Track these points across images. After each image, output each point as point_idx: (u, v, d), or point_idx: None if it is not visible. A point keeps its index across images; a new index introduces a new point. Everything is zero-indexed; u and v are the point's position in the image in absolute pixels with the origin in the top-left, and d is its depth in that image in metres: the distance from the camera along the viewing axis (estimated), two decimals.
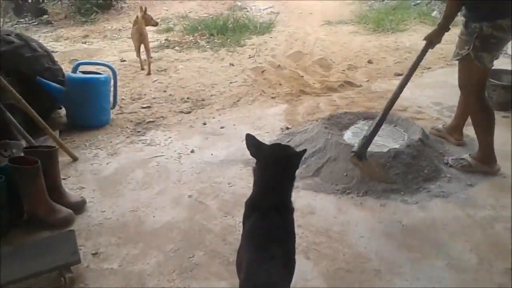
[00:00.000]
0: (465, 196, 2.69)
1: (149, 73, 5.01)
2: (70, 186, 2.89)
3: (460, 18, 2.74)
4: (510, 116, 3.60)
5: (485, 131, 2.84)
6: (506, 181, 2.81)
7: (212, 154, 3.28)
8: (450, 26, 2.64)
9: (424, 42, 2.77)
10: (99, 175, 3.05)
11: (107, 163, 3.19)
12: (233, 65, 5.30)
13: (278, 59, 5.47)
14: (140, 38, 5.02)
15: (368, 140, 2.60)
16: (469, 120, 3.00)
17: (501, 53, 2.87)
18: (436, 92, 4.21)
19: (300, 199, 2.71)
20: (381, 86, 4.45)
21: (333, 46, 5.83)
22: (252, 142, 1.67)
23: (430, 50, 2.76)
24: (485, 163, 2.87)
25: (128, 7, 8.14)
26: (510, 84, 3.69)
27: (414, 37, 5.98)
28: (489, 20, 2.51)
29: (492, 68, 2.76)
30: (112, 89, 3.96)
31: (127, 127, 3.81)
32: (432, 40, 2.66)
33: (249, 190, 2.78)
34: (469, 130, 3.17)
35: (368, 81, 4.71)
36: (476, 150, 2.94)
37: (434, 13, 6.82)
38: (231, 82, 4.78)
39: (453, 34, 2.84)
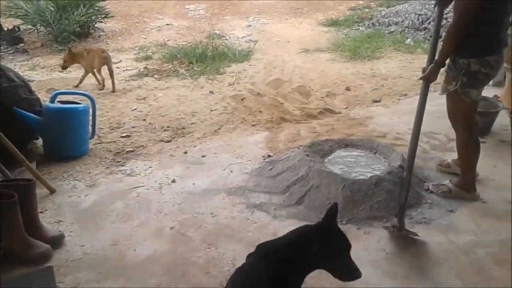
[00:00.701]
0: (446, 222, 2.71)
1: (113, 91, 5.38)
2: (48, 219, 2.81)
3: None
4: (486, 142, 3.69)
5: (471, 160, 2.90)
6: (486, 206, 2.86)
7: (193, 184, 3.24)
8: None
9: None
10: (78, 207, 2.97)
11: (86, 195, 3.12)
12: (213, 92, 5.31)
13: (257, 86, 5.51)
14: (105, 61, 5.45)
15: (403, 209, 2.60)
16: None
17: None
18: (414, 118, 4.28)
19: (284, 228, 2.67)
20: (359, 113, 4.51)
21: (311, 74, 5.92)
22: None
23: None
24: (465, 190, 2.92)
25: (106, 35, 8.13)
26: (486, 110, 3.79)
27: (389, 64, 6.13)
28: (477, 57, 2.56)
29: None
30: (90, 118, 3.91)
31: (106, 157, 3.75)
32: (430, 78, 2.64)
33: (232, 220, 2.78)
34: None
35: (346, 108, 4.78)
36: (457, 176, 3.00)
37: (408, 41, 7.02)
38: (211, 110, 4.78)
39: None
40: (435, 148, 3.66)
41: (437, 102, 3.70)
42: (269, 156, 3.65)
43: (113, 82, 5.44)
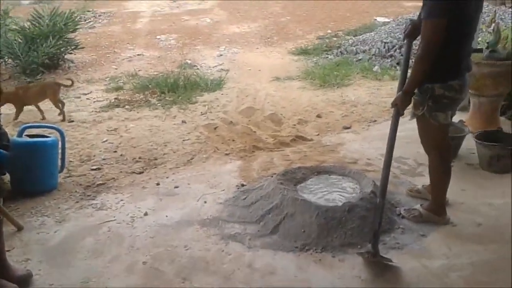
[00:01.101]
0: (419, 247, 2.75)
1: (64, 120, 5.46)
2: (15, 258, 2.71)
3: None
4: (453, 165, 3.78)
5: (441, 183, 2.97)
6: (456, 230, 2.92)
7: (166, 216, 3.20)
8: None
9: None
10: (46, 244, 2.88)
11: (55, 231, 3.03)
12: (185, 122, 5.30)
13: (230, 115, 5.54)
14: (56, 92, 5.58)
15: (377, 235, 2.63)
16: None
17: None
18: (384, 144, 4.33)
19: (259, 258, 2.67)
20: (331, 140, 4.58)
21: (283, 101, 5.99)
22: None
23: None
24: (436, 214, 2.97)
25: (76, 67, 8.06)
26: (452, 135, 3.89)
27: (358, 91, 6.27)
28: (440, 81, 2.65)
29: None
30: (60, 151, 3.83)
31: (76, 191, 3.67)
32: (399, 106, 2.72)
33: (206, 252, 2.75)
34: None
35: (318, 134, 4.84)
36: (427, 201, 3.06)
37: (375, 68, 7.21)
38: (184, 140, 4.77)
39: (395, 88, 2.96)
40: (405, 173, 3.73)
41: (406, 127, 3.78)
42: (242, 185, 3.65)
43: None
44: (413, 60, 2.72)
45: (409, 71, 2.76)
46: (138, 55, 8.92)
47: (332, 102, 5.90)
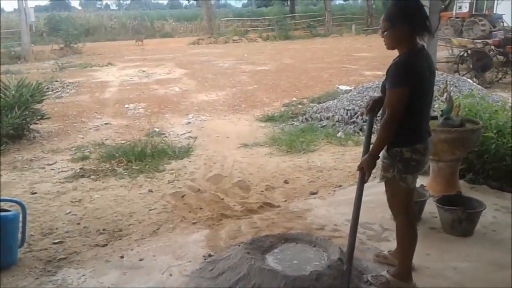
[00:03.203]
0: None
1: None
2: None
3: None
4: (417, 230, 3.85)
5: (407, 249, 3.01)
6: None
7: None
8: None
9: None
10: None
11: None
12: (152, 191, 5.25)
13: (197, 182, 5.53)
14: None
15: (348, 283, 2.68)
16: None
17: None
18: (350, 209, 4.37)
19: None
20: (298, 206, 4.61)
21: (251, 168, 6.05)
22: None
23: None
24: (402, 279, 2.98)
25: (41, 137, 7.97)
26: (418, 199, 3.99)
27: (323, 156, 6.42)
28: (407, 145, 2.82)
29: None
30: (20, 225, 3.70)
31: (36, 266, 3.52)
32: (365, 168, 2.83)
33: None
34: None
35: (286, 201, 4.88)
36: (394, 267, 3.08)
37: (339, 134, 7.44)
38: (150, 210, 4.70)
39: (359, 153, 3.08)
40: (371, 238, 3.77)
41: (371, 191, 3.89)
42: (209, 255, 3.59)
43: None
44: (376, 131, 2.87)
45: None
46: (105, 124, 8.93)
47: (299, 167, 6.01)
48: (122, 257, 3.63)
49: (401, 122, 2.74)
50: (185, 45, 27.03)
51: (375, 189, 3.07)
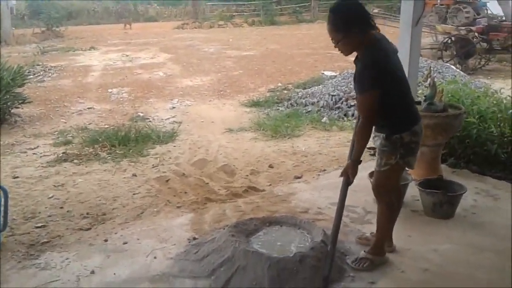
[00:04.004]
0: None
1: None
2: None
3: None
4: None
5: (387, 228, 3.14)
6: (405, 276, 2.98)
7: (114, 274, 3.09)
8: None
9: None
10: None
11: None
12: (136, 175, 5.22)
13: (182, 167, 5.51)
14: None
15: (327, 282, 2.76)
16: None
17: None
18: (334, 193, 4.41)
19: None
20: (282, 190, 4.63)
21: (236, 153, 6.05)
22: None
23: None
24: (379, 254, 3.10)
25: (23, 121, 7.84)
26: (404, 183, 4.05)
27: (308, 141, 6.44)
28: (406, 130, 2.88)
29: None
30: (2, 209, 3.66)
31: (18, 250, 3.49)
32: (350, 173, 2.90)
33: None
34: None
35: (270, 185, 4.89)
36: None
37: (324, 119, 7.47)
38: (134, 194, 4.68)
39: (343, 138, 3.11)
40: (354, 221, 3.81)
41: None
42: (194, 238, 3.60)
43: None
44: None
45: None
46: (88, 108, 8.82)
47: (284, 152, 6.02)
48: (106, 240, 3.61)
49: (395, 110, 2.84)
50: (169, 30, 26.66)
51: (359, 174, 3.09)
